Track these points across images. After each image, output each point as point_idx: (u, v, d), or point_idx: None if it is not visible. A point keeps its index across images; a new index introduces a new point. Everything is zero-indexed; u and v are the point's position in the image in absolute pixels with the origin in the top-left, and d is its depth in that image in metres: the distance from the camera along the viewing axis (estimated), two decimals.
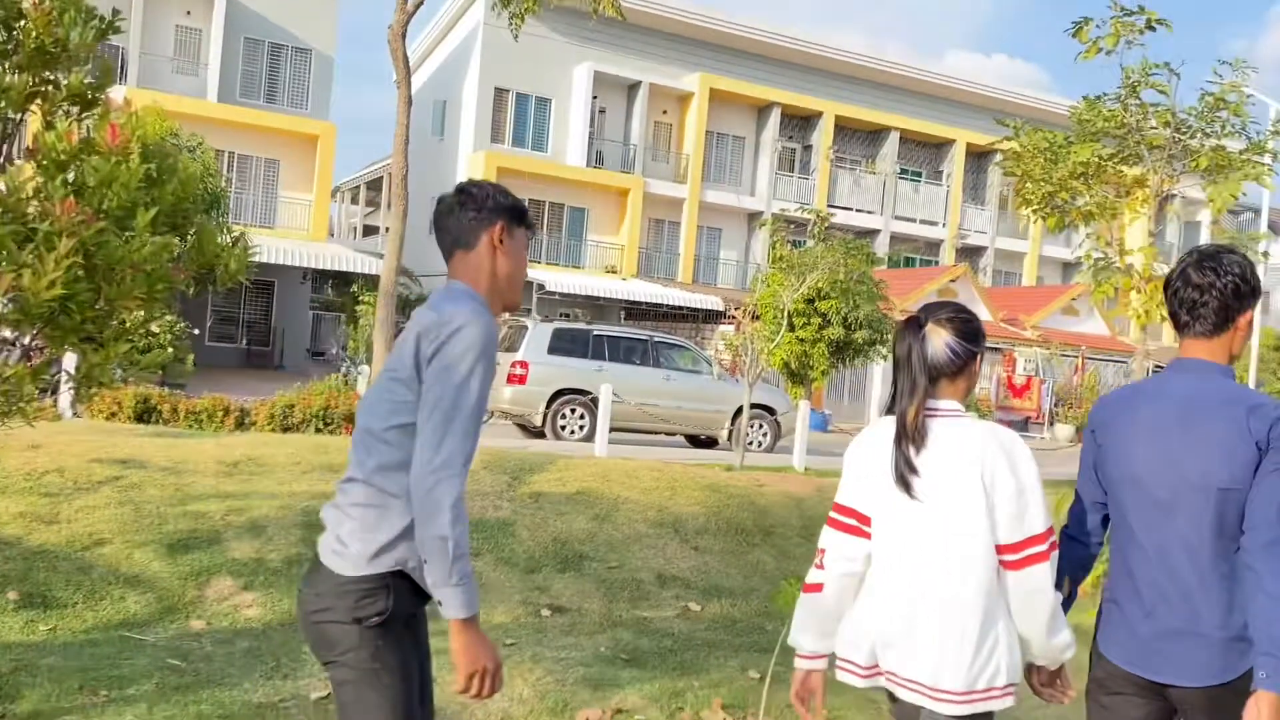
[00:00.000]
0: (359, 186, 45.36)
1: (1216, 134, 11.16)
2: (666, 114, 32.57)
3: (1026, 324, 29.85)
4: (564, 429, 13.94)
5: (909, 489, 2.32)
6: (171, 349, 15.79)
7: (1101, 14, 10.86)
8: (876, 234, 33.98)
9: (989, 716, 2.33)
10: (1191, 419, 2.33)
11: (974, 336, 2.43)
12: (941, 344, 2.39)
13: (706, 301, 27.89)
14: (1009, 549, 2.28)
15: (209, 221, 4.40)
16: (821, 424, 19.11)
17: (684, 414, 14.44)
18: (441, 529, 2.08)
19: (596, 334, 14.72)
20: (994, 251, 37.14)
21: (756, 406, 14.10)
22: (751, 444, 14.40)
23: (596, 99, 31.20)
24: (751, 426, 14.84)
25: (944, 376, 2.39)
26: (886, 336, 16.92)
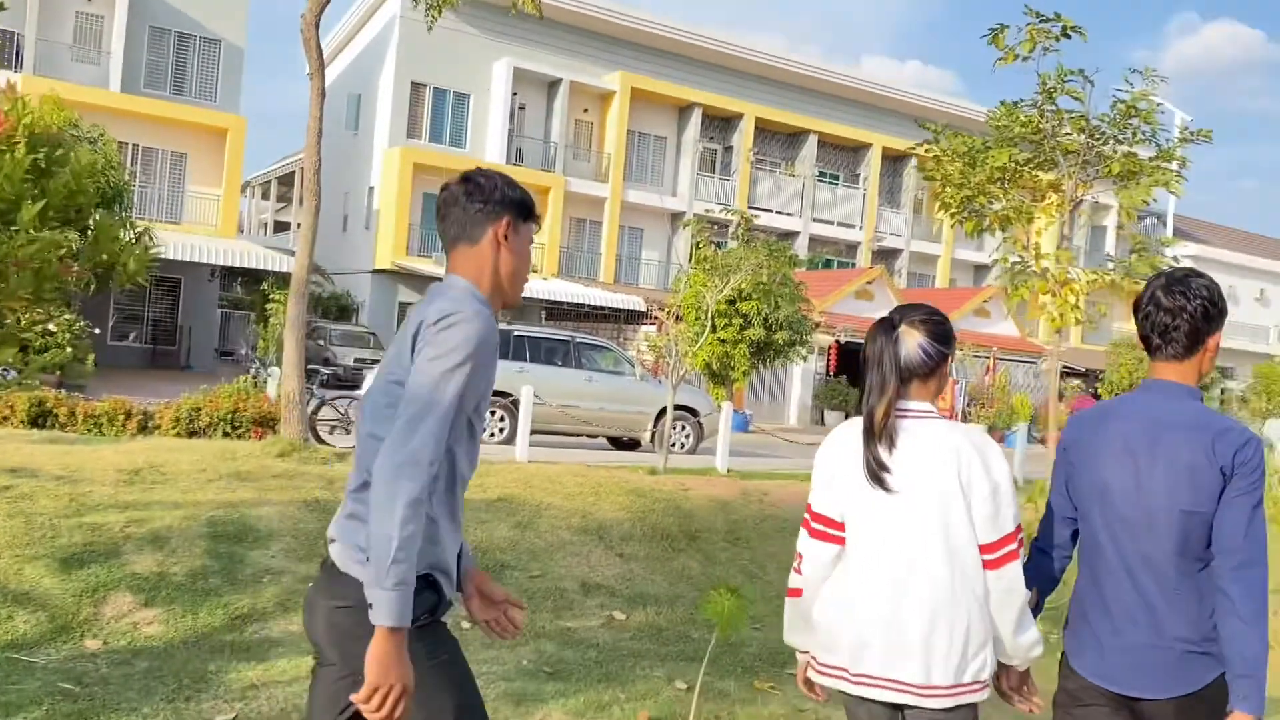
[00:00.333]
0: (270, 181, 44.29)
1: (1128, 141, 11.42)
2: (587, 112, 32.39)
3: None
4: (484, 431, 13.68)
5: (884, 486, 2.36)
6: (70, 349, 15.15)
7: (1016, 21, 11.05)
8: (796, 236, 34.30)
9: (974, 708, 2.38)
10: (1159, 441, 2.38)
11: (946, 339, 2.47)
12: (915, 345, 2.41)
13: (629, 302, 27.80)
14: (986, 548, 2.33)
15: (110, 216, 4.11)
16: (743, 424, 19.17)
17: (606, 416, 14.30)
18: (388, 527, 1.94)
19: (517, 334, 14.49)
20: (909, 254, 37.80)
21: (679, 408, 14.04)
22: (674, 445, 14.33)
23: (516, 95, 30.87)
24: (675, 428, 14.77)
25: (916, 377, 2.42)
26: (806, 337, 17.03)
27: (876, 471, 2.36)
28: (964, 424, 2.47)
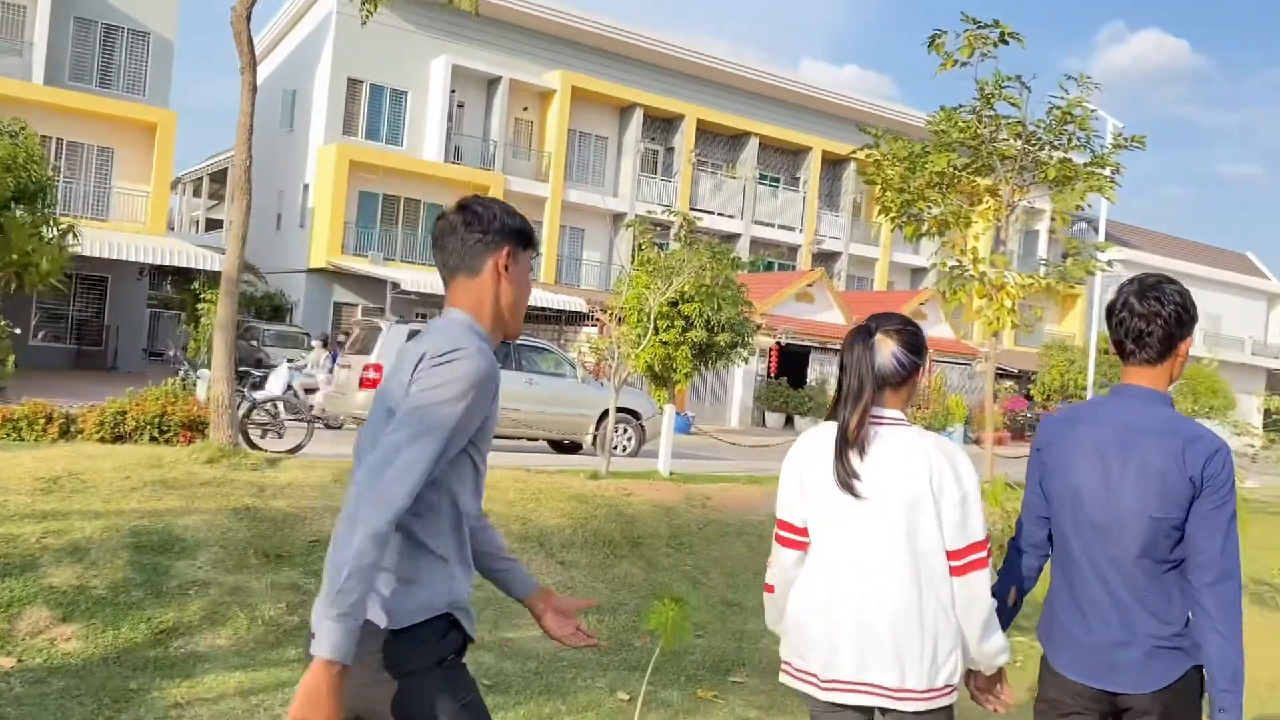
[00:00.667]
0: (202, 178, 43.34)
1: (1064, 146, 11.58)
2: (527, 111, 32.17)
3: None
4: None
5: (853, 493, 2.37)
6: None
7: (953, 27, 11.14)
8: (737, 238, 34.43)
9: (949, 711, 2.41)
10: (1130, 446, 2.41)
11: (919, 349, 2.49)
12: (889, 354, 2.44)
13: (569, 303, 27.65)
14: (953, 555, 2.36)
15: (29, 213, 3.87)
16: (684, 426, 19.15)
17: (547, 419, 14.14)
18: (344, 554, 1.84)
19: None
20: (848, 257, 38.16)
21: (621, 410, 13.93)
22: (616, 449, 14.22)
23: (455, 93, 30.55)
24: (617, 431, 14.66)
25: (889, 385, 2.44)
26: (748, 339, 17.03)
27: (847, 478, 2.38)
28: (932, 432, 2.47)
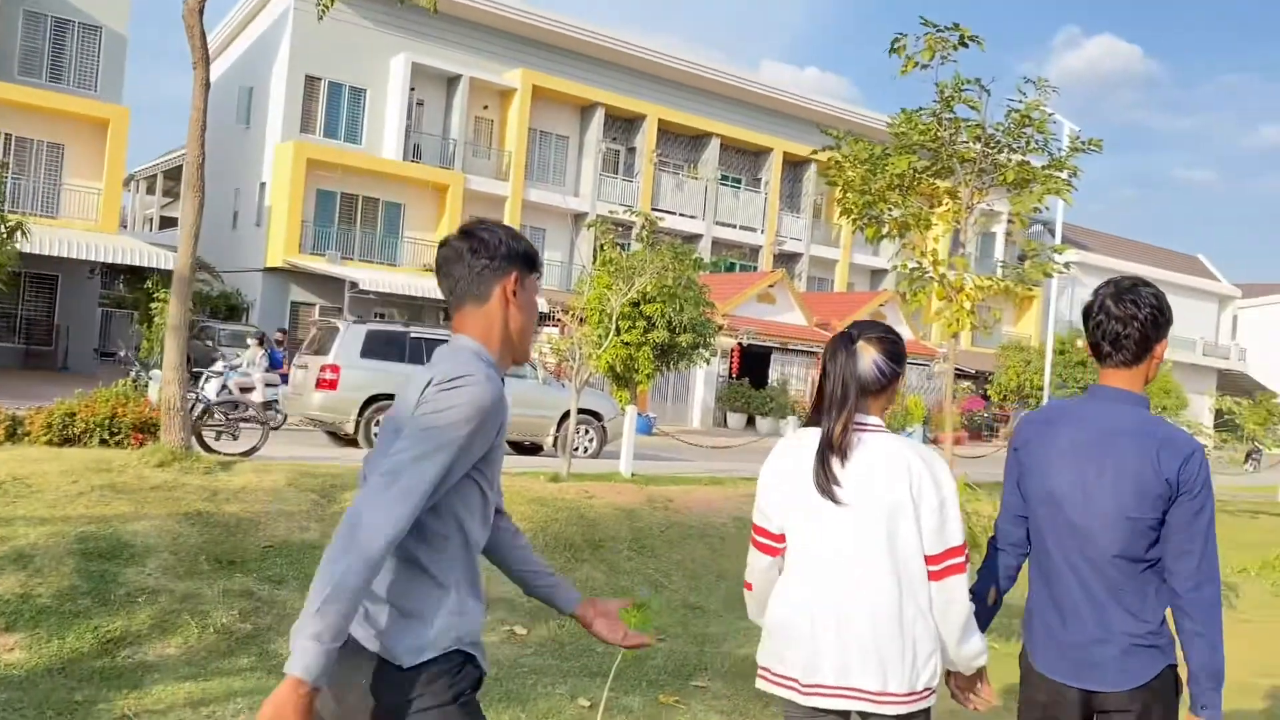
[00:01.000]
0: (156, 175, 42.59)
1: (1022, 149, 11.68)
2: (488, 109, 31.95)
3: (838, 328, 30.82)
4: (378, 436, 13.26)
5: (834, 499, 2.39)
6: None
7: (913, 30, 11.20)
8: (699, 239, 34.43)
9: (928, 713, 2.45)
10: (1107, 448, 2.44)
11: (899, 358, 2.51)
12: (870, 361, 2.46)
13: None
14: (931, 560, 2.39)
15: None
16: (646, 427, 19.09)
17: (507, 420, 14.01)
18: (329, 574, 1.80)
19: (414, 336, 14.08)
20: (809, 258, 38.32)
21: (583, 411, 13.85)
22: (577, 450, 14.13)
23: (414, 91, 30.27)
24: (578, 432, 14.58)
25: (869, 393, 2.46)
26: (710, 340, 17.00)
27: (828, 484, 2.40)
28: (907, 439, 2.49)
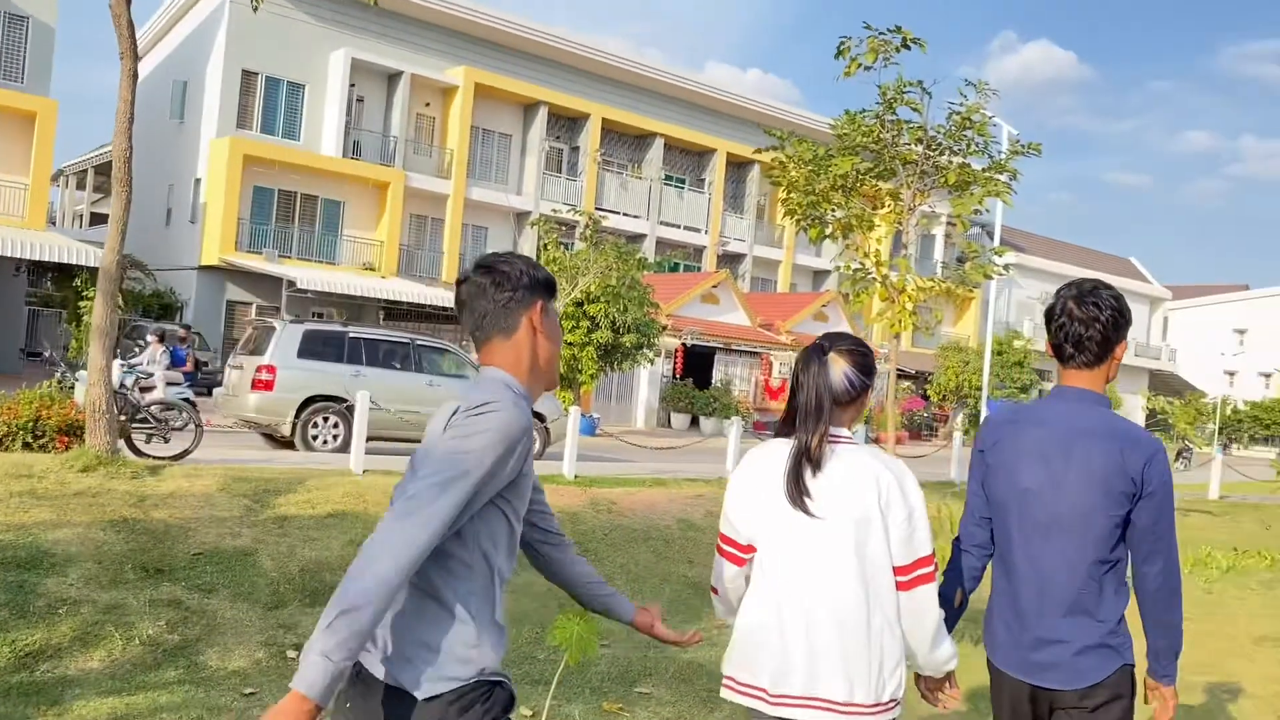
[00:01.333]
0: (86, 170, 41.50)
1: (962, 152, 11.79)
2: (429, 106, 31.58)
3: (782, 329, 31.05)
4: (316, 439, 12.99)
5: (806, 511, 2.40)
6: None
7: (857, 33, 11.25)
8: (643, 239, 34.39)
9: None
10: (1073, 448, 2.48)
11: (869, 370, 2.52)
12: (840, 373, 2.47)
13: None
14: (900, 570, 2.41)
15: None
16: (590, 428, 18.97)
17: None
18: (346, 593, 1.77)
19: (352, 336, 13.80)
20: (752, 259, 38.47)
21: None
22: None
23: (354, 87, 29.80)
24: None
25: (839, 404, 2.47)
26: (654, 340, 16.95)
27: (799, 496, 2.40)
28: (879, 449, 2.53)
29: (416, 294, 27.09)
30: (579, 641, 4.33)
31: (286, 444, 13.07)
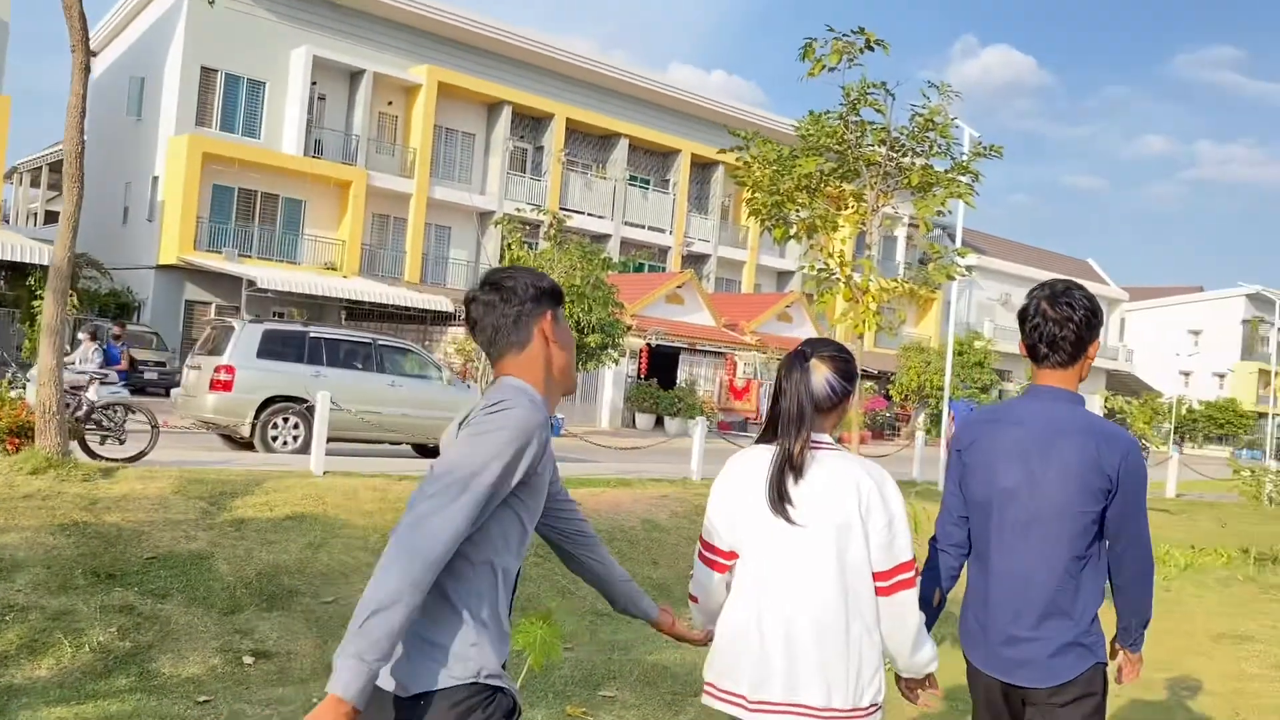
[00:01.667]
0: (41, 167, 40.77)
1: (925, 153, 11.83)
2: (392, 105, 31.31)
3: (746, 329, 31.11)
4: (275, 440, 12.80)
5: (787, 518, 2.40)
6: None
7: (821, 35, 11.26)
8: (607, 239, 34.32)
9: None
10: (1050, 445, 2.51)
11: (851, 376, 2.53)
12: (822, 379, 2.48)
13: (435, 302, 26.99)
14: (880, 576, 2.42)
15: None
16: (554, 428, 18.85)
17: (411, 422, 13.67)
18: (374, 592, 1.79)
19: (313, 336, 13.62)
20: (717, 259, 38.53)
21: None
22: None
23: (316, 85, 29.48)
24: None
25: (820, 411, 2.47)
26: (619, 341, 16.89)
27: (781, 503, 2.41)
28: (860, 456, 2.52)
29: (379, 294, 26.84)
30: (542, 645, 4.26)
31: (246, 445, 12.88)
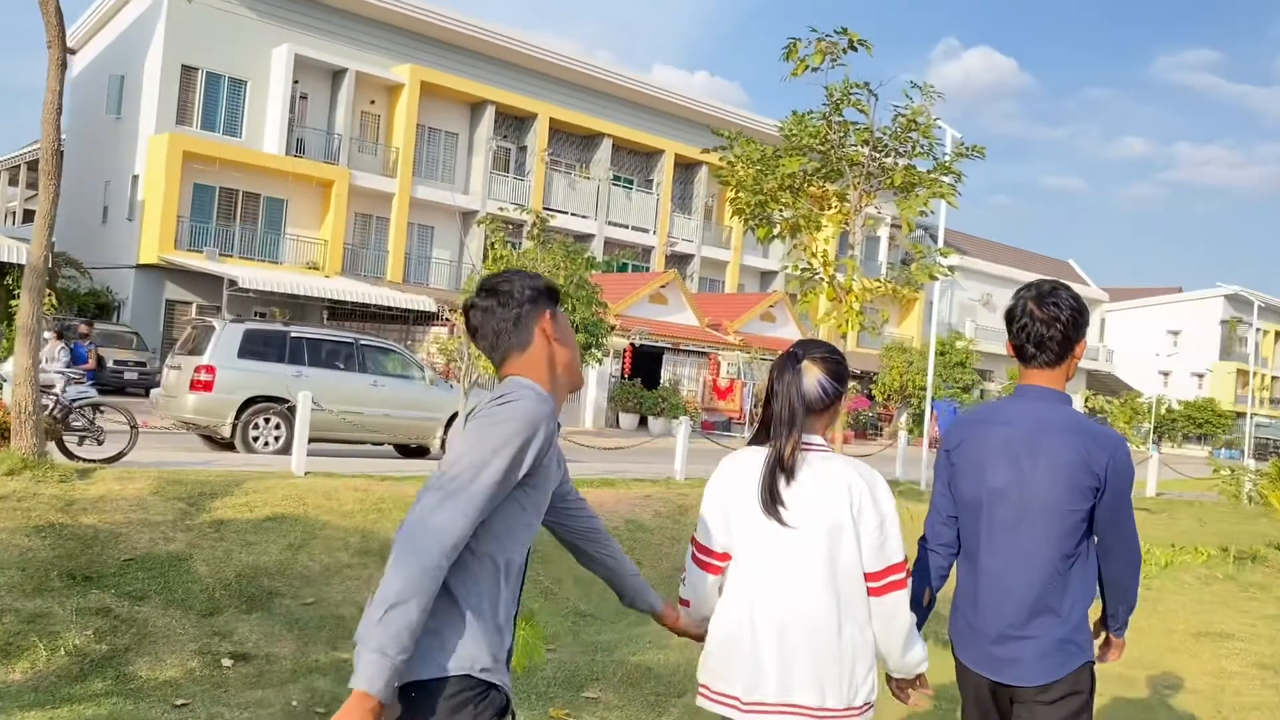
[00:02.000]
0: (20, 166, 40.42)
1: (908, 154, 11.86)
2: (374, 104, 31.17)
3: (729, 329, 31.12)
4: (257, 440, 12.71)
5: (780, 520, 2.41)
6: None
7: (804, 35, 11.26)
8: (591, 238, 34.27)
9: None
10: (1039, 445, 2.52)
11: (842, 377, 2.53)
12: (814, 381, 2.48)
13: (418, 302, 26.88)
14: (872, 577, 2.43)
15: None
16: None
17: (393, 423, 13.60)
18: (388, 589, 1.80)
19: (294, 336, 13.53)
20: (700, 259, 38.54)
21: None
22: None
23: (298, 84, 29.31)
24: None
25: (813, 412, 2.47)
26: (602, 340, 16.87)
27: (773, 505, 2.41)
28: (852, 457, 2.51)
29: (361, 293, 26.72)
30: (525, 647, 4.25)
31: (227, 446, 12.78)
